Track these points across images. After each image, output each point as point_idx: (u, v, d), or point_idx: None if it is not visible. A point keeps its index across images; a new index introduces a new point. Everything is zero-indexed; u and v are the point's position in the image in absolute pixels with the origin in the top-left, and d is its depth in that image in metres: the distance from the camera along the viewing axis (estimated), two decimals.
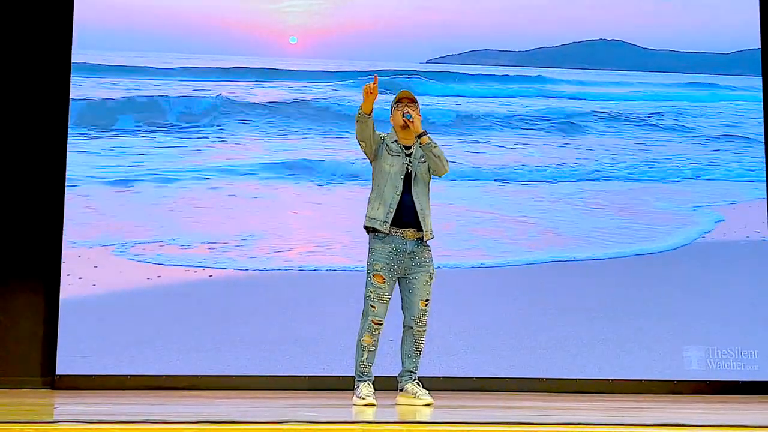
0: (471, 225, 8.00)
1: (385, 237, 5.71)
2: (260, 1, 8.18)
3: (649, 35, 8.46)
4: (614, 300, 7.87)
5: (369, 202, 5.82)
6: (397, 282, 5.78)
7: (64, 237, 7.53)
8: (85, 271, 7.54)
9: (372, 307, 5.68)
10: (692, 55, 8.60)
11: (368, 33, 8.27)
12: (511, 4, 8.40)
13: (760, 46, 8.26)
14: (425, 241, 5.77)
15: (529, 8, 8.41)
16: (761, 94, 8.25)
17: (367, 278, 5.73)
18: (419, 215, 5.72)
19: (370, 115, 5.71)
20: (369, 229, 5.78)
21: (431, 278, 5.77)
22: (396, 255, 5.71)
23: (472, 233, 7.95)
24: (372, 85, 5.65)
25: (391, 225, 5.70)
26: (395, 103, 5.87)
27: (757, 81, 8.28)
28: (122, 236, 7.68)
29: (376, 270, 5.70)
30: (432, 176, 5.85)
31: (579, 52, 8.54)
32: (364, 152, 5.87)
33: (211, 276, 7.65)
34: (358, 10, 8.28)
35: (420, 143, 5.77)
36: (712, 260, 8.07)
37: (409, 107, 5.79)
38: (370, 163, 5.89)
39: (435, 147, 5.76)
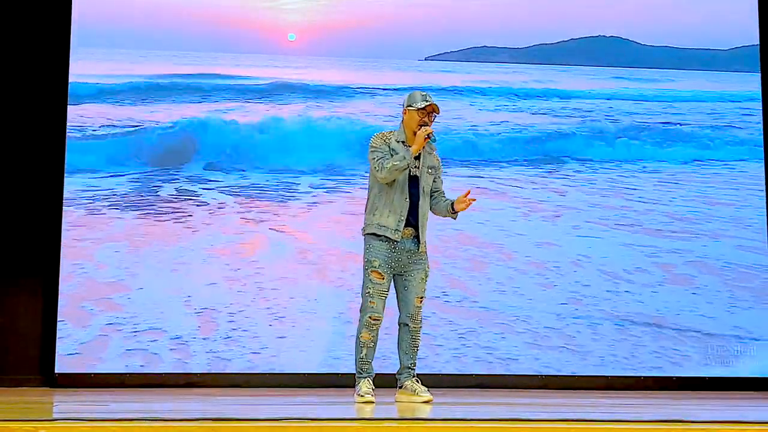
0: (466, 217, 7.96)
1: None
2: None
3: (647, 32, 8.46)
4: (613, 296, 7.86)
5: (375, 208, 5.69)
6: (392, 279, 5.74)
7: (62, 235, 7.52)
8: (83, 269, 7.53)
9: (371, 303, 5.65)
10: (691, 52, 8.59)
11: (366, 30, 8.26)
12: (509, 1, 8.39)
13: (759, 43, 8.25)
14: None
15: (527, 5, 8.40)
16: (760, 90, 8.25)
17: (365, 274, 5.69)
18: (419, 223, 5.70)
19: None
20: (373, 234, 5.68)
21: (426, 276, 5.76)
22: (394, 252, 5.68)
23: (467, 226, 7.92)
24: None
25: None
26: (421, 109, 5.68)
27: (756, 77, 8.27)
28: (119, 235, 7.66)
29: (374, 266, 5.66)
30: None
31: (578, 48, 8.52)
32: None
33: (208, 273, 7.64)
34: (356, 7, 8.27)
35: (454, 213, 5.78)
36: (710, 256, 8.06)
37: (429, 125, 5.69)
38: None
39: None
